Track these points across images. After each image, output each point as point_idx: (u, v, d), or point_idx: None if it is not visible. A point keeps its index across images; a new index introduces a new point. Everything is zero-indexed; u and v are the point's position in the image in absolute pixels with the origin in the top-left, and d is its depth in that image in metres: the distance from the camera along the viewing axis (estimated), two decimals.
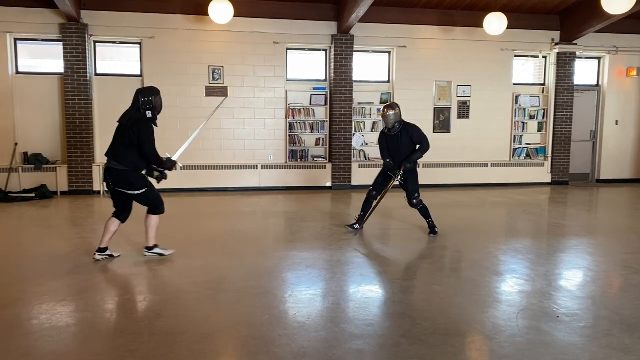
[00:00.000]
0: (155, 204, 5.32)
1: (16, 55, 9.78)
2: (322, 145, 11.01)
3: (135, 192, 5.17)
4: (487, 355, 3.28)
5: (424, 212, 6.56)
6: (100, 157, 10.10)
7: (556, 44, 11.48)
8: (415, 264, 5.36)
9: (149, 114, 5.17)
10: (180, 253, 5.55)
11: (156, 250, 5.42)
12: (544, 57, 11.76)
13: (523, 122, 11.79)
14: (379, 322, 3.78)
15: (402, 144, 6.40)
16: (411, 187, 6.47)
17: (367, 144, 11.12)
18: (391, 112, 6.32)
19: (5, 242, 6.40)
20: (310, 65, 11.10)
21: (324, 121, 10.90)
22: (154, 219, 5.33)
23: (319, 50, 10.93)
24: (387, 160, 6.49)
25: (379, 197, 6.67)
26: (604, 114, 12.11)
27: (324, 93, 10.88)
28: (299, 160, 10.87)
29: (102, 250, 5.31)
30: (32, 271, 5.04)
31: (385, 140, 6.53)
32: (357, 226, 6.67)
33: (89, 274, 4.93)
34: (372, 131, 11.13)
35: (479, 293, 4.42)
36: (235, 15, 9.25)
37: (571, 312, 3.96)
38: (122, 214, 5.32)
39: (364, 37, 10.66)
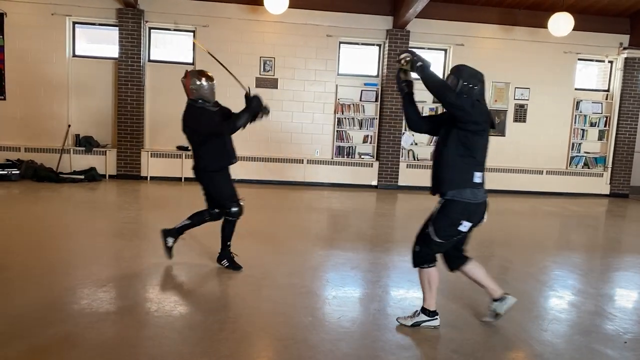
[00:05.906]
0: None
1: (74, 38, 9.94)
2: (370, 143, 10.75)
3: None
4: None
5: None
6: (149, 143, 10.18)
7: (624, 48, 10.84)
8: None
9: None
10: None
11: (505, 301, 3.71)
12: (610, 61, 11.14)
13: (583, 129, 11.20)
14: (429, 332, 3.54)
15: None
16: None
17: (416, 144, 10.81)
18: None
19: (53, 222, 6.47)
20: (362, 60, 10.85)
21: (374, 118, 10.64)
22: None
23: (373, 45, 10.66)
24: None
25: None
26: None
27: (375, 89, 10.61)
28: (345, 156, 10.66)
29: (429, 313, 3.60)
30: (76, 254, 5.04)
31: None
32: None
33: (131, 261, 4.89)
34: None
35: (535, 309, 4.13)
36: (290, 6, 9.10)
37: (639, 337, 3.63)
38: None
39: (420, 33, 10.34)
